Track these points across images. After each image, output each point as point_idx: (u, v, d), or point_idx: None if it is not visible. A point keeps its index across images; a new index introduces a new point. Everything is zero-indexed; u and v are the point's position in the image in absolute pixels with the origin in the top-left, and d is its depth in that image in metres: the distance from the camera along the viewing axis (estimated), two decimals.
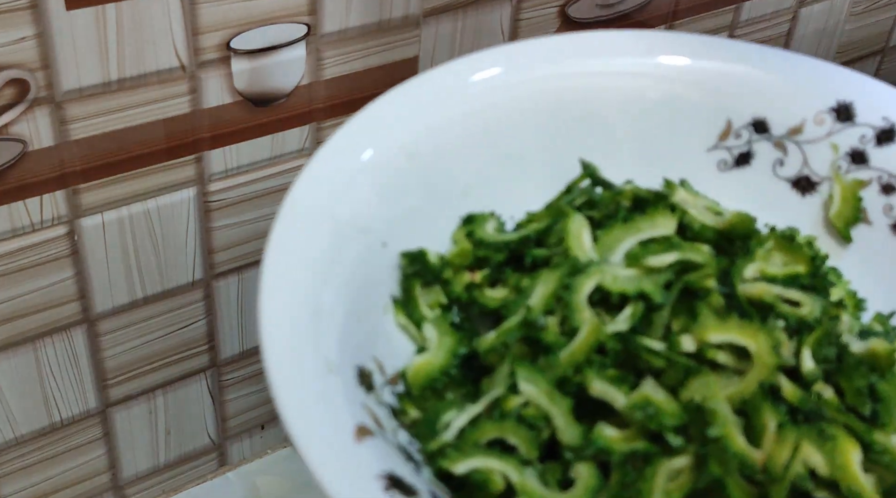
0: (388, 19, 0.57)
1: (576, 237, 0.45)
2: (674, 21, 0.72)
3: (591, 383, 0.40)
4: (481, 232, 0.46)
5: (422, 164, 0.46)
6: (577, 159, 0.49)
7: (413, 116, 0.47)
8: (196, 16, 0.50)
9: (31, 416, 0.57)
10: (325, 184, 0.43)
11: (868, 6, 0.85)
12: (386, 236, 0.43)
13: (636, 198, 0.48)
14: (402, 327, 0.43)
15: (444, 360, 0.42)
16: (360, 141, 0.45)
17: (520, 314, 0.42)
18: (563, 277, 0.43)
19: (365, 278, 0.42)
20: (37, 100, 0.48)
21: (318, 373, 0.36)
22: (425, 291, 0.44)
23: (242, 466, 0.70)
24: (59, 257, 0.53)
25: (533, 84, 0.49)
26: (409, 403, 0.41)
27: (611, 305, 0.43)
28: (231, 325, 0.63)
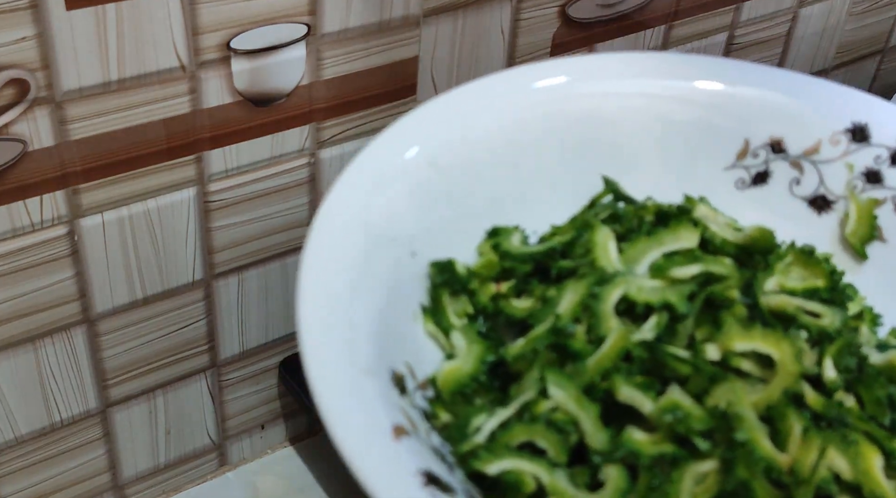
0: (388, 19, 0.57)
1: (602, 248, 0.46)
2: (674, 21, 0.72)
3: (619, 389, 0.41)
4: (507, 244, 0.48)
5: (449, 176, 0.47)
6: (600, 176, 0.51)
7: (441, 129, 0.48)
8: (196, 16, 0.50)
9: (31, 416, 0.57)
10: (359, 193, 0.44)
11: (868, 6, 0.85)
12: (415, 246, 0.45)
13: (659, 212, 0.49)
14: (430, 335, 0.45)
15: (473, 366, 0.43)
16: (390, 152, 0.47)
17: (548, 322, 0.44)
18: (591, 286, 0.44)
19: (395, 286, 0.43)
20: (37, 100, 0.48)
21: (356, 375, 0.37)
22: (453, 301, 0.46)
23: (242, 466, 0.70)
24: (59, 257, 0.53)
25: (560, 102, 0.51)
26: (441, 407, 0.42)
27: (636, 315, 0.44)
28: (231, 325, 0.63)
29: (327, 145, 0.60)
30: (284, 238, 0.62)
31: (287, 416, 0.70)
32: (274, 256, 0.62)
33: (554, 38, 0.66)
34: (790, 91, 0.53)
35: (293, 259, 0.63)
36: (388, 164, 0.46)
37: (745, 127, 0.52)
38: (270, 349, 0.66)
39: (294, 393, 0.65)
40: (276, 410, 0.69)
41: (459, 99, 0.49)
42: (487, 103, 0.50)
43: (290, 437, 0.71)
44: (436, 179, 0.47)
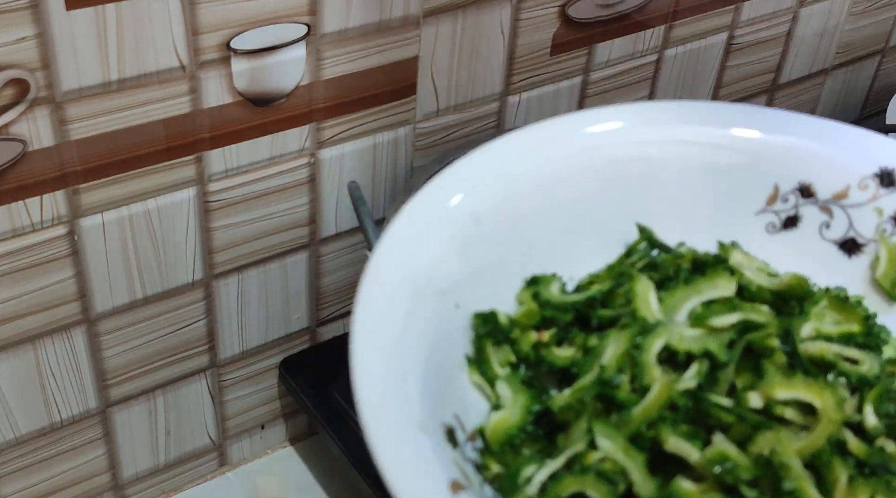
0: (388, 19, 0.57)
1: (643, 299, 0.47)
2: (674, 21, 0.72)
3: (667, 439, 0.42)
4: (547, 293, 0.48)
5: (489, 225, 0.48)
6: (634, 222, 0.52)
7: (482, 183, 0.49)
8: (196, 16, 0.50)
9: (31, 416, 0.57)
10: (404, 247, 0.45)
11: (868, 6, 0.85)
12: (458, 298, 0.46)
13: (695, 260, 0.51)
14: (476, 385, 0.45)
15: (520, 417, 0.44)
16: (434, 202, 0.48)
17: (593, 373, 0.45)
18: (633, 337, 0.45)
19: (441, 338, 0.44)
20: (37, 100, 0.48)
21: (412, 432, 0.39)
22: (496, 350, 0.46)
23: (242, 466, 0.70)
24: (59, 257, 0.53)
25: (601, 150, 0.52)
26: (491, 459, 0.43)
27: (677, 363, 0.45)
28: (231, 325, 0.63)
29: (327, 145, 0.60)
30: (284, 238, 0.62)
31: (287, 416, 0.70)
32: (274, 255, 0.62)
33: (554, 38, 0.66)
34: (819, 137, 0.54)
35: (293, 259, 0.63)
36: (431, 215, 0.47)
37: (775, 172, 0.53)
38: (270, 349, 0.66)
39: (294, 393, 0.65)
40: (276, 410, 0.69)
41: (502, 148, 0.50)
42: (529, 153, 0.51)
43: (290, 437, 0.71)
44: (476, 229, 0.48)
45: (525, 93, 0.67)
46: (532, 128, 0.51)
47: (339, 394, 0.64)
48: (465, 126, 0.66)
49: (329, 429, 0.63)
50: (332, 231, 0.64)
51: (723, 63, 0.78)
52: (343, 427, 0.62)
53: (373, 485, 0.59)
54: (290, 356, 0.67)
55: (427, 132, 0.64)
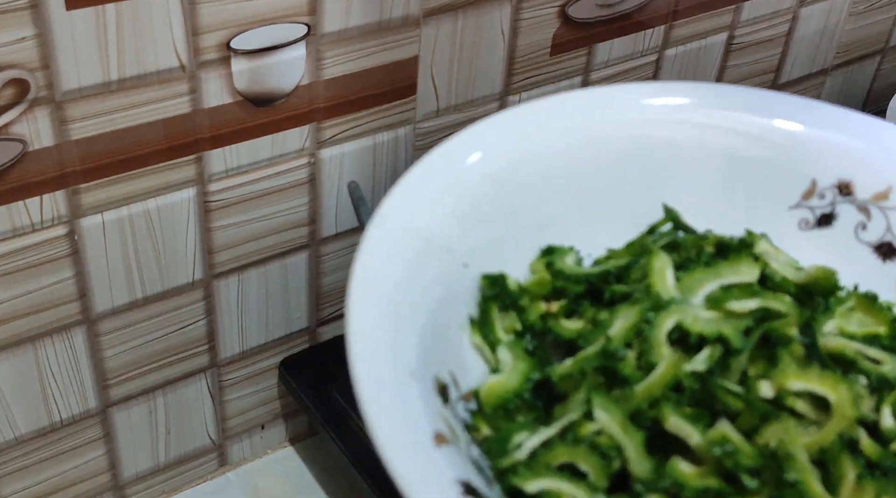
0: (388, 19, 0.57)
1: (659, 274, 0.46)
2: (674, 21, 0.72)
3: (668, 418, 0.40)
4: (561, 263, 0.47)
5: (507, 191, 0.47)
6: (661, 204, 0.50)
7: (503, 145, 0.48)
8: (196, 16, 0.50)
9: (31, 416, 0.57)
10: (415, 200, 0.44)
11: (868, 6, 0.85)
12: (468, 258, 0.44)
13: (719, 244, 0.49)
14: (476, 347, 0.44)
15: (517, 382, 0.43)
16: (452, 159, 0.46)
17: (598, 344, 0.43)
18: (645, 311, 0.44)
19: (445, 295, 0.43)
20: (37, 100, 0.48)
21: (401, 378, 0.37)
22: (501, 316, 0.45)
23: (242, 466, 0.70)
24: (59, 257, 0.53)
25: (624, 127, 0.50)
26: (482, 420, 0.41)
27: (688, 345, 0.43)
28: (231, 325, 0.63)
29: (327, 145, 0.60)
30: (284, 238, 0.62)
31: (287, 416, 0.70)
32: (274, 255, 0.62)
33: (554, 38, 0.66)
34: (863, 135, 0.52)
35: (293, 259, 0.63)
36: (449, 171, 0.46)
37: (813, 167, 0.51)
38: (270, 349, 0.66)
39: (294, 393, 0.65)
40: (276, 410, 0.69)
41: (523, 115, 0.49)
42: (552, 122, 0.49)
43: (290, 437, 0.71)
44: (494, 192, 0.46)
45: (525, 93, 0.67)
46: (565, 95, 0.49)
47: (339, 394, 0.64)
48: (465, 126, 0.66)
49: (329, 429, 0.63)
50: (332, 231, 0.64)
51: (723, 63, 0.78)
52: (343, 427, 0.62)
53: (373, 485, 0.59)
54: (290, 356, 0.67)
55: (427, 132, 0.64)
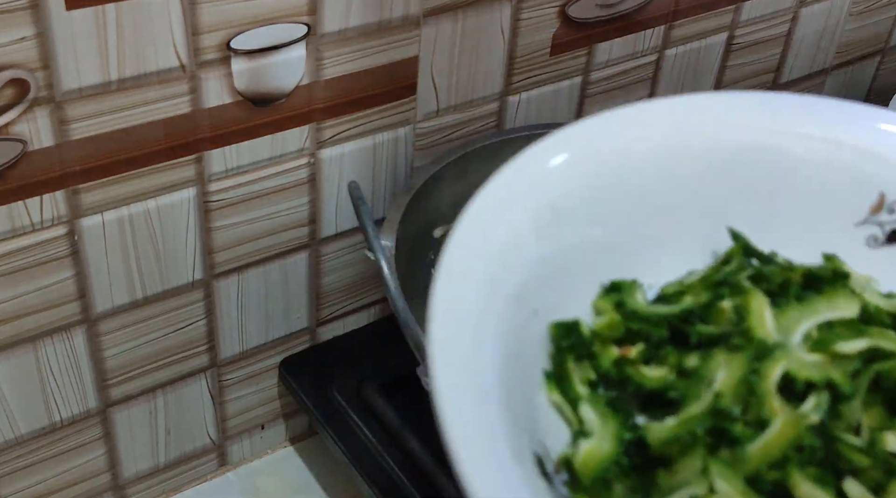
0: (388, 19, 0.57)
1: (758, 316, 0.41)
2: (674, 21, 0.72)
3: (798, 484, 0.37)
4: (633, 303, 0.43)
5: (566, 222, 0.43)
6: (724, 226, 0.46)
7: (560, 174, 0.44)
8: (196, 16, 0.50)
9: (31, 416, 0.57)
10: (478, 246, 0.40)
11: (868, 6, 0.85)
12: (536, 303, 0.40)
13: (808, 275, 0.45)
14: (556, 406, 0.40)
15: (611, 448, 0.38)
16: (508, 196, 0.42)
17: (704, 401, 0.39)
18: (750, 360, 0.39)
19: (520, 350, 0.39)
20: (37, 100, 0.48)
21: (508, 468, 0.33)
22: (577, 366, 0.41)
23: (242, 466, 0.70)
24: (59, 257, 0.53)
25: (683, 151, 0.46)
26: (583, 496, 0.38)
27: (791, 392, 0.39)
28: (231, 325, 0.63)
29: (327, 145, 0.60)
30: (284, 238, 0.62)
31: (287, 416, 0.70)
32: (274, 255, 0.62)
33: (554, 38, 0.66)
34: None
35: (293, 259, 0.63)
36: (504, 210, 0.41)
37: (882, 179, 0.47)
38: (270, 349, 0.66)
39: (294, 393, 0.65)
40: (276, 410, 0.69)
41: (577, 141, 0.45)
42: (609, 145, 0.45)
43: (290, 437, 0.71)
44: (553, 227, 0.42)
45: (525, 93, 0.67)
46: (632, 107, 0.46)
47: (339, 394, 0.64)
48: (465, 126, 0.66)
49: (329, 429, 0.63)
50: (332, 231, 0.64)
51: (723, 63, 0.78)
52: (343, 427, 0.62)
53: (372, 485, 0.59)
54: (290, 356, 0.67)
55: (427, 132, 0.64)
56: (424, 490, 0.59)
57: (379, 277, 0.53)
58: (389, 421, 0.63)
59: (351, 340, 0.69)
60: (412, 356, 0.51)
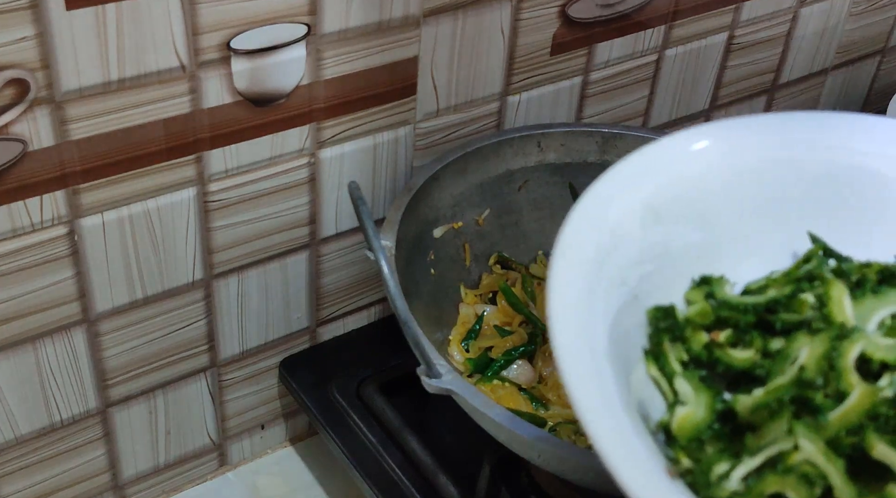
0: (388, 19, 0.57)
1: (838, 303, 0.46)
2: (674, 21, 0.72)
3: (874, 445, 0.41)
4: (722, 293, 0.48)
5: (665, 220, 0.48)
6: (805, 233, 0.51)
7: (660, 173, 0.49)
8: (196, 16, 0.50)
9: (31, 416, 0.57)
10: (592, 228, 0.45)
11: (868, 6, 0.85)
12: (637, 290, 0.46)
13: (884, 271, 0.49)
14: (653, 379, 0.45)
15: (706, 414, 0.44)
16: (614, 193, 0.47)
17: (789, 374, 0.44)
18: (832, 340, 0.44)
19: (624, 329, 0.44)
20: (37, 100, 0.48)
21: (622, 420, 0.39)
22: (672, 346, 0.47)
23: (242, 466, 0.70)
24: (59, 257, 0.53)
25: (783, 161, 0.51)
26: (682, 452, 0.43)
27: (867, 372, 0.44)
28: (231, 325, 0.63)
29: (327, 145, 0.60)
30: (284, 238, 0.62)
31: (287, 416, 0.70)
32: (274, 256, 0.62)
33: (554, 38, 0.66)
34: None
35: (293, 259, 0.63)
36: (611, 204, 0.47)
37: None
38: (270, 349, 0.66)
39: (294, 393, 0.65)
40: (276, 410, 0.69)
41: (677, 145, 0.50)
42: (709, 151, 0.50)
43: (290, 437, 0.71)
44: (652, 224, 0.48)
45: (525, 93, 0.67)
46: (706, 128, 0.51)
47: (339, 394, 0.64)
48: (465, 126, 0.66)
49: (329, 429, 0.63)
50: (332, 231, 0.64)
51: (723, 63, 0.78)
52: (343, 427, 0.62)
53: (372, 485, 0.59)
54: (290, 356, 0.67)
55: (427, 132, 0.64)
56: (424, 490, 0.59)
57: (379, 276, 0.53)
58: (389, 421, 0.63)
59: (351, 340, 0.69)
60: (412, 356, 0.51)
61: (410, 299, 0.54)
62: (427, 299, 0.61)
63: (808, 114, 0.53)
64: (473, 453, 0.59)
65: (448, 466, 0.60)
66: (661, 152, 0.49)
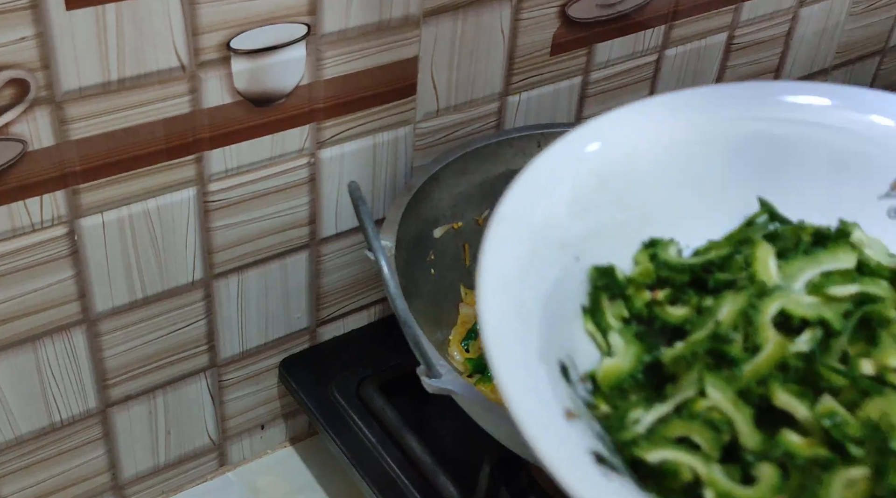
0: (388, 19, 0.57)
1: (762, 263, 0.49)
2: (674, 21, 0.72)
3: (777, 394, 0.44)
4: (665, 254, 0.51)
5: (613, 188, 0.50)
6: (755, 197, 0.53)
7: (609, 143, 0.51)
8: (196, 16, 0.50)
9: (31, 416, 0.57)
10: (532, 197, 0.48)
11: (868, 6, 0.85)
12: (579, 252, 0.49)
13: (817, 234, 0.51)
14: (589, 334, 0.48)
15: (631, 364, 0.47)
16: (564, 157, 0.49)
17: (708, 328, 0.47)
18: (751, 297, 0.47)
19: (560, 286, 0.47)
20: (37, 100, 0.48)
21: (531, 362, 0.42)
22: (610, 304, 0.49)
23: (242, 466, 0.70)
24: (59, 257, 0.53)
25: (727, 125, 0.54)
26: (601, 399, 0.46)
27: (790, 328, 0.46)
28: (231, 325, 0.63)
29: (327, 145, 0.60)
30: (284, 238, 0.62)
31: (287, 416, 0.70)
32: (274, 255, 0.62)
33: (554, 38, 0.66)
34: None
35: (293, 259, 0.63)
36: (563, 162, 0.49)
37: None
38: (270, 349, 0.66)
39: (294, 393, 0.65)
40: (276, 410, 0.69)
41: (628, 115, 0.52)
42: (658, 120, 0.53)
43: (290, 437, 0.71)
44: (602, 187, 0.50)
45: (525, 93, 0.67)
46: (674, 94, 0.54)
47: (339, 394, 0.64)
48: (465, 126, 0.66)
49: (329, 429, 0.63)
50: (332, 231, 0.64)
51: (723, 63, 0.78)
52: (343, 427, 0.63)
53: (372, 485, 0.59)
54: (290, 356, 0.67)
55: (427, 132, 0.64)
56: (424, 490, 0.59)
57: (379, 276, 0.53)
58: (389, 421, 0.63)
59: (351, 340, 0.69)
60: (412, 356, 0.51)
61: (410, 299, 0.54)
62: (427, 299, 0.61)
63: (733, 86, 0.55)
64: (473, 453, 0.59)
65: (448, 466, 0.60)
66: (610, 122, 0.51)
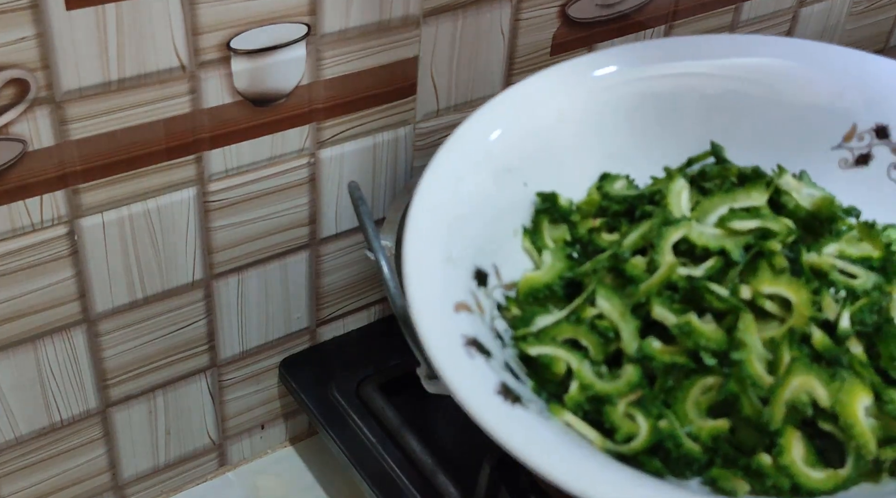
0: (388, 19, 0.57)
1: (675, 195, 0.54)
2: (674, 21, 0.72)
3: (654, 307, 0.48)
4: (609, 187, 0.56)
5: (571, 126, 0.56)
6: (709, 142, 0.58)
7: (574, 86, 0.56)
8: (196, 16, 0.50)
9: (31, 416, 0.57)
10: (487, 128, 0.53)
11: (868, 6, 0.85)
12: (528, 178, 0.54)
13: (741, 175, 0.56)
14: (526, 251, 0.54)
15: (550, 277, 0.52)
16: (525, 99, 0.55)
17: (611, 249, 0.52)
18: (656, 225, 0.52)
19: (504, 206, 0.53)
20: (37, 100, 0.48)
21: (440, 262, 0.47)
22: (552, 227, 0.54)
23: (242, 466, 0.70)
24: (59, 257, 0.53)
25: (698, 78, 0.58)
26: (513, 303, 0.51)
27: (696, 257, 0.51)
28: (231, 325, 0.63)
29: (327, 145, 0.60)
30: (284, 238, 0.62)
31: (287, 416, 0.70)
32: (274, 255, 0.62)
33: (554, 38, 0.66)
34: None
35: (293, 259, 0.63)
36: (521, 106, 0.54)
37: (855, 112, 0.57)
38: (270, 349, 0.66)
39: (294, 393, 0.65)
40: (276, 410, 0.69)
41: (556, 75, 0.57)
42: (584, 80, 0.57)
43: (290, 437, 0.71)
44: (560, 126, 0.55)
45: None
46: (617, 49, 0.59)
47: (338, 394, 0.64)
48: None
49: (329, 429, 0.63)
50: (332, 231, 0.64)
51: None
52: (343, 427, 0.63)
53: (372, 485, 0.59)
54: (290, 356, 0.67)
55: (427, 132, 0.64)
56: (424, 490, 0.59)
57: (379, 276, 0.53)
58: (389, 421, 0.63)
59: (351, 340, 0.69)
60: (412, 356, 0.51)
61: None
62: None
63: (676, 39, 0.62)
64: (473, 453, 0.59)
65: (448, 466, 0.60)
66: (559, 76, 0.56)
